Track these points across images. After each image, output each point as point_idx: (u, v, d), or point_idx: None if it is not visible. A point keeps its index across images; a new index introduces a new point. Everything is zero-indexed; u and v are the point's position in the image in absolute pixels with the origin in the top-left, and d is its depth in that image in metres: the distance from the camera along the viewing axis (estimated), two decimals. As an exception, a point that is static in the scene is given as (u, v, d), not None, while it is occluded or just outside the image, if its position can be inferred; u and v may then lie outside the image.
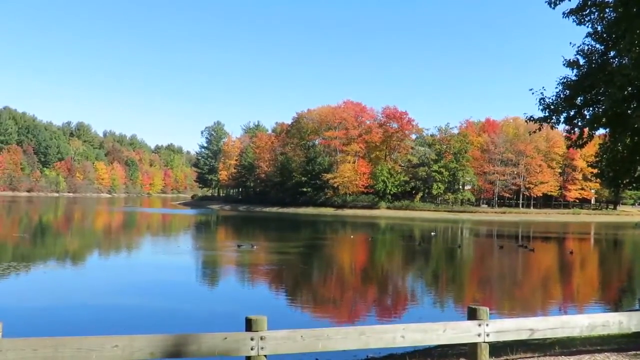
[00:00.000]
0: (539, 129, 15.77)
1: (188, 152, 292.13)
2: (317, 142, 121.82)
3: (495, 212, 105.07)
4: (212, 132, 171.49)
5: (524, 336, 6.50)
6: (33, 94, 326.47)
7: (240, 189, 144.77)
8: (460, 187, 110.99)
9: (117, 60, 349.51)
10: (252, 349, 5.36)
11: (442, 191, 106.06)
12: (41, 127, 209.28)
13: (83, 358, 4.98)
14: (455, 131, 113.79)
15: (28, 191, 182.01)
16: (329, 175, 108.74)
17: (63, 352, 4.96)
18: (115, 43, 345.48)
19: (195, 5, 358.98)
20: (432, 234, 58.09)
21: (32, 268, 25.83)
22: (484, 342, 6.15)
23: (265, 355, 5.41)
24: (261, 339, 5.38)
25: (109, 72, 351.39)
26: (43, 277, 23.40)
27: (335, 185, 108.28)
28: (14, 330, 5.30)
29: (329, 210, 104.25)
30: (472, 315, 6.24)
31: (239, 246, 36.60)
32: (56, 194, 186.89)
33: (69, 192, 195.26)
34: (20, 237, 40.55)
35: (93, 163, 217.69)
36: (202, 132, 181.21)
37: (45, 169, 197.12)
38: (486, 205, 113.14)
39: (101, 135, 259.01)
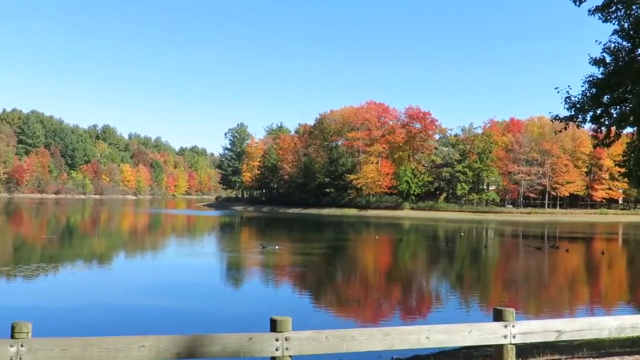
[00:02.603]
0: (565, 128, 15.57)
1: (212, 154, 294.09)
2: (340, 143, 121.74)
3: (521, 213, 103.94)
4: (236, 134, 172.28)
5: (550, 338, 6.42)
6: (60, 97, 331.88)
7: (263, 190, 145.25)
8: (485, 187, 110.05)
9: (141, 64, 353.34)
10: (277, 350, 5.37)
11: (466, 191, 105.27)
12: (68, 130, 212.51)
13: (110, 358, 5.04)
14: (479, 131, 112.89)
15: (55, 193, 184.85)
16: (352, 176, 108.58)
17: (91, 352, 5.02)
18: (139, 47, 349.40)
19: (217, 8, 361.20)
20: (461, 234, 57.60)
21: (60, 269, 26.20)
22: (510, 343, 6.09)
23: (290, 356, 5.42)
24: (286, 339, 5.40)
25: (133, 76, 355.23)
26: (71, 278, 23.73)
27: (359, 186, 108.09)
28: (43, 330, 5.39)
29: (352, 211, 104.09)
30: (498, 316, 6.18)
31: (263, 247, 36.73)
32: (83, 196, 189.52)
33: (95, 194, 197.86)
34: (49, 239, 41.18)
35: (119, 165, 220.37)
36: (225, 134, 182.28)
37: (72, 171, 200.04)
38: (511, 206, 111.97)
39: (126, 137, 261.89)
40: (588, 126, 16.04)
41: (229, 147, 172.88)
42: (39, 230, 52.24)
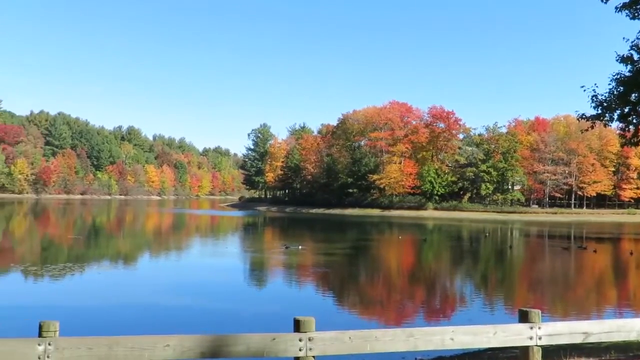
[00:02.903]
0: (592, 127, 15.35)
1: (235, 155, 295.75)
2: (362, 143, 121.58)
3: (546, 213, 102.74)
4: (259, 134, 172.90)
5: (577, 340, 6.32)
6: (86, 99, 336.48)
7: (286, 191, 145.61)
8: (510, 187, 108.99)
9: (166, 66, 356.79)
10: (300, 350, 5.37)
11: (490, 191, 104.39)
12: (94, 131, 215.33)
13: (136, 357, 5.09)
14: (504, 130, 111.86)
15: (82, 194, 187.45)
16: (375, 176, 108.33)
17: (117, 350, 5.07)
18: (164, 49, 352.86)
19: (240, 8, 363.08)
20: (486, 234, 57.12)
21: (86, 269, 26.53)
22: (536, 345, 6.01)
23: (313, 356, 5.41)
24: (309, 339, 5.39)
25: (158, 77, 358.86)
26: (97, 278, 24.03)
27: (382, 186, 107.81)
28: (69, 328, 5.46)
29: (375, 212, 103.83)
30: (524, 317, 6.11)
31: (286, 247, 36.82)
32: (108, 197, 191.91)
33: (120, 195, 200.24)
34: (75, 239, 41.76)
35: (143, 166, 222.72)
36: (248, 135, 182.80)
37: (98, 172, 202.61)
38: (537, 206, 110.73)
39: (151, 138, 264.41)
40: (615, 125, 15.80)
41: (252, 147, 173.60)
42: (65, 230, 53.00)
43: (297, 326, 5.45)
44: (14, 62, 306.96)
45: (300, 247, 37.32)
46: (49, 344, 4.97)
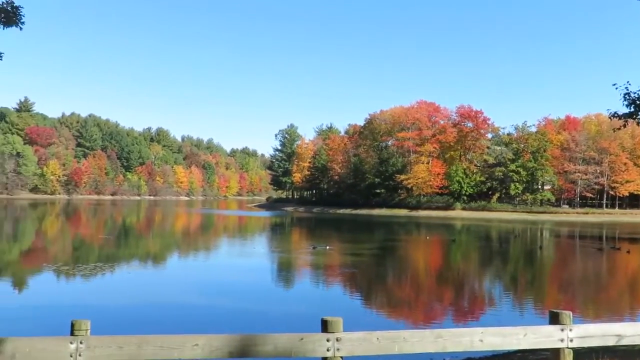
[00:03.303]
0: (624, 126, 15.10)
1: (262, 155, 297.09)
2: (390, 143, 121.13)
3: (577, 213, 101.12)
4: (286, 135, 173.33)
5: (610, 342, 6.20)
6: (116, 101, 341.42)
7: (313, 191, 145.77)
8: (540, 187, 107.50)
9: (194, 67, 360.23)
10: (328, 350, 5.37)
11: (520, 191, 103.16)
12: (123, 133, 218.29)
13: (165, 355, 5.14)
14: (533, 129, 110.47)
15: (112, 194, 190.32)
16: (402, 176, 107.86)
17: (146, 349, 5.13)
18: (192, 50, 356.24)
19: (267, 9, 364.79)
20: (515, 235, 56.47)
21: (116, 268, 26.90)
22: (568, 347, 5.92)
23: (341, 357, 5.40)
24: (337, 340, 5.39)
25: (186, 79, 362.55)
26: (127, 277, 24.36)
27: (409, 186, 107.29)
28: (100, 327, 5.54)
29: (402, 212, 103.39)
30: (554, 319, 6.02)
31: (313, 247, 36.86)
32: (138, 197, 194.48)
33: (149, 195, 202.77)
34: (105, 239, 42.38)
35: (172, 167, 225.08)
36: (276, 135, 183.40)
37: (127, 173, 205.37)
38: (567, 206, 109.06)
39: (179, 139, 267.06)
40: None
41: (279, 148, 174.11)
42: (96, 230, 53.82)
43: (325, 326, 5.45)
44: (46, 65, 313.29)
45: (327, 247, 37.33)
46: (81, 343, 5.05)
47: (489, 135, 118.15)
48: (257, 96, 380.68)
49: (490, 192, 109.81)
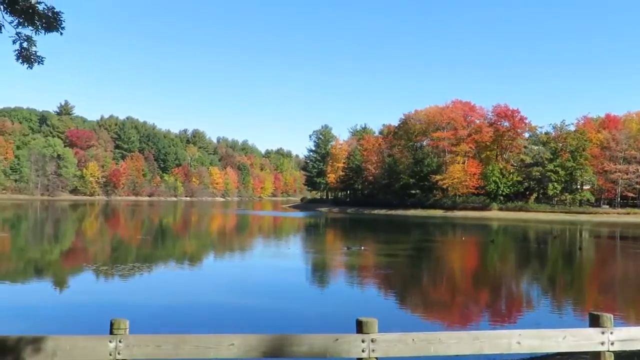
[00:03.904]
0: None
1: (297, 156, 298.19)
2: (424, 143, 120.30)
3: (618, 213, 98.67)
4: (320, 136, 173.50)
5: (653, 346, 6.06)
6: (153, 104, 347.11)
7: (348, 192, 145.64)
8: (579, 186, 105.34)
9: (228, 70, 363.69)
10: (363, 351, 5.36)
11: (558, 191, 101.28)
12: (160, 135, 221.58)
13: (201, 355, 5.20)
14: (572, 128, 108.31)
15: (149, 196, 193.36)
16: (437, 177, 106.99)
17: (183, 348, 5.20)
18: (227, 53, 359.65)
19: (301, 10, 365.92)
20: (554, 236, 55.48)
21: (153, 268, 27.29)
22: (608, 351, 5.79)
23: (376, 358, 5.39)
24: (372, 341, 5.37)
25: (221, 81, 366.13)
26: (164, 277, 24.68)
27: (444, 186, 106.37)
28: (138, 326, 5.63)
29: (438, 212, 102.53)
30: (595, 322, 5.90)
31: (348, 248, 36.81)
32: (174, 198, 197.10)
33: (186, 196, 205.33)
34: (143, 239, 43.04)
35: (208, 168, 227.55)
36: (310, 136, 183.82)
37: (164, 174, 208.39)
38: (607, 206, 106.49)
39: (215, 141, 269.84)
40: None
41: (313, 149, 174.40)
42: (134, 231, 54.69)
43: (360, 327, 5.44)
44: (85, 69, 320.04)
45: (362, 247, 37.24)
46: (120, 341, 5.15)
47: (526, 135, 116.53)
48: (292, 97, 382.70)
49: (527, 192, 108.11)
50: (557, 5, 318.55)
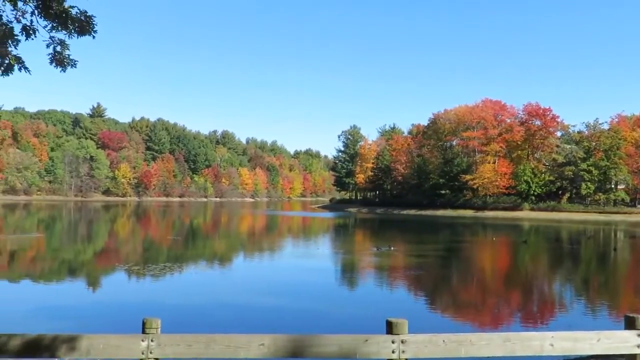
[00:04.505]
0: None
1: (326, 156, 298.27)
2: (454, 143, 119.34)
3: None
4: (349, 136, 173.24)
5: (692, 350, 5.91)
6: (182, 105, 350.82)
7: (377, 192, 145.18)
8: (613, 186, 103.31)
9: (258, 71, 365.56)
10: (393, 352, 5.33)
11: (591, 191, 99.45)
12: (190, 136, 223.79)
13: (231, 354, 5.24)
14: (606, 127, 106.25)
15: (180, 196, 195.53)
16: (467, 177, 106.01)
17: (214, 348, 5.24)
18: (255, 53, 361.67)
19: (329, 9, 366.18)
20: (588, 236, 54.54)
21: (184, 268, 27.58)
22: (644, 354, 5.67)
23: (406, 359, 5.36)
24: (402, 342, 5.34)
25: (250, 82, 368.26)
26: (194, 277, 24.92)
27: (475, 186, 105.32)
28: (169, 325, 5.69)
29: (468, 213, 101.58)
30: (630, 324, 5.78)
31: (377, 249, 36.70)
32: (204, 199, 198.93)
33: (215, 197, 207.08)
34: (174, 240, 43.51)
35: (237, 169, 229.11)
36: (338, 136, 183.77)
37: (194, 175, 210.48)
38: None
39: (244, 142, 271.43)
40: None
41: (342, 149, 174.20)
42: (165, 231, 55.33)
43: (390, 328, 5.42)
44: (116, 72, 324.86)
45: (391, 248, 37.09)
46: (152, 340, 5.21)
47: (558, 134, 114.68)
48: (320, 98, 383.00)
49: (560, 192, 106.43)
50: (586, 4, 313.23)
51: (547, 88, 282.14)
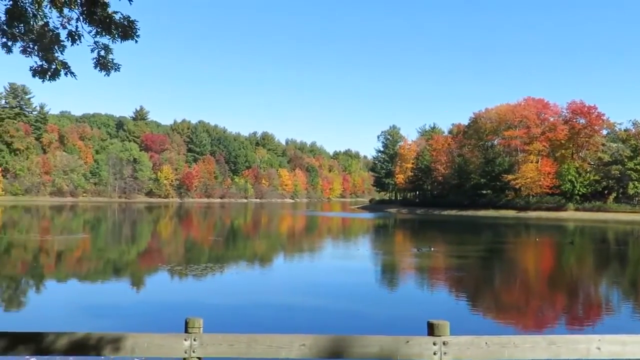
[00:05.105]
0: None
1: (365, 157, 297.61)
2: (495, 142, 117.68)
3: None
4: (388, 136, 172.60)
5: None
6: (223, 107, 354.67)
7: (417, 192, 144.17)
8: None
9: (297, 72, 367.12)
10: (434, 354, 5.27)
11: (639, 191, 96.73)
12: (231, 138, 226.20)
13: (273, 354, 5.26)
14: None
15: (221, 197, 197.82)
16: (509, 176, 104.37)
17: (255, 348, 5.27)
18: (294, 55, 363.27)
19: (371, 8, 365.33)
20: (637, 237, 53.10)
21: (225, 269, 27.84)
22: (698, 358, 5.48)
23: (447, 361, 5.29)
24: (444, 344, 5.28)
25: (289, 84, 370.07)
26: (235, 277, 25.14)
27: (517, 186, 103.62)
28: (211, 325, 5.75)
29: (510, 213, 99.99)
30: (682, 328, 5.59)
31: (417, 250, 36.44)
32: (245, 200, 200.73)
33: (256, 198, 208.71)
34: (215, 240, 44.02)
35: (277, 170, 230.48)
36: (378, 137, 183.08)
37: (235, 176, 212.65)
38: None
39: (284, 143, 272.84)
40: None
41: (381, 149, 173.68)
42: (206, 232, 56.02)
43: (431, 329, 5.36)
44: (159, 76, 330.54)
45: (432, 249, 36.77)
46: (194, 340, 5.27)
47: (604, 132, 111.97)
48: (360, 98, 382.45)
49: (606, 192, 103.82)
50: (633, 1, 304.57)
51: (591, 86, 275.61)
